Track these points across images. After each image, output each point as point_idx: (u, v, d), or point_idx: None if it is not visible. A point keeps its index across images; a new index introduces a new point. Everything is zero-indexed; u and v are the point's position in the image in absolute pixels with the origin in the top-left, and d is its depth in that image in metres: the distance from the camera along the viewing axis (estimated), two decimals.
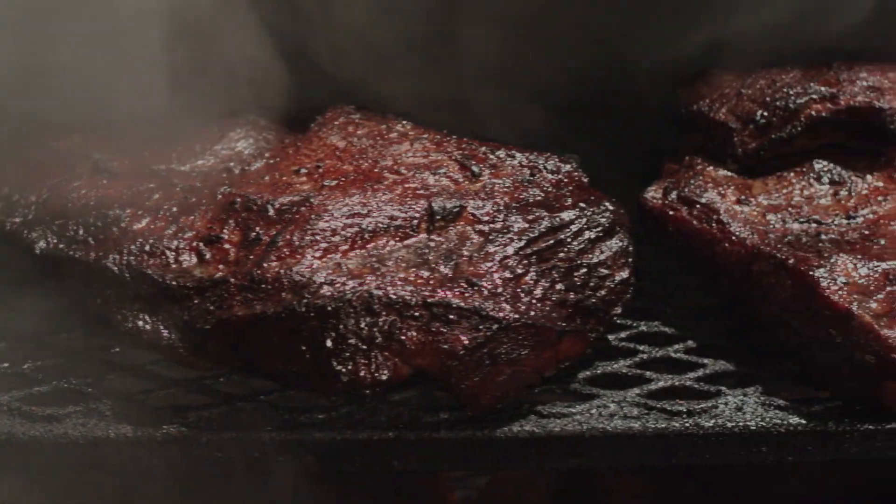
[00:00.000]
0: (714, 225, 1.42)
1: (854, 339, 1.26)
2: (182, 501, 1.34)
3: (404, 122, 1.53)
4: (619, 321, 1.44)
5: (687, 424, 1.27)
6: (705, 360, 1.38)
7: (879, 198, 1.45)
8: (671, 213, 1.45)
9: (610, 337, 1.41)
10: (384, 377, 1.21)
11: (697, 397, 1.32)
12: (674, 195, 1.47)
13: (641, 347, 1.40)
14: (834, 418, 1.29)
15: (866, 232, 1.39)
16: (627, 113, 1.72)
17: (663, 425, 1.27)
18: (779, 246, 1.36)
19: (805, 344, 1.33)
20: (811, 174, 1.50)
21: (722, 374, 1.36)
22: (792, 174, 1.51)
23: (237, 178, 1.43)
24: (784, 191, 1.49)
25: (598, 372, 1.35)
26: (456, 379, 1.21)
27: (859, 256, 1.34)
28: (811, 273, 1.31)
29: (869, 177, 1.49)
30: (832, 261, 1.32)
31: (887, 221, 1.41)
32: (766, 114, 1.53)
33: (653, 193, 1.48)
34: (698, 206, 1.45)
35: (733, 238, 1.40)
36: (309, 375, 1.23)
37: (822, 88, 1.54)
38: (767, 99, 1.54)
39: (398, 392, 1.29)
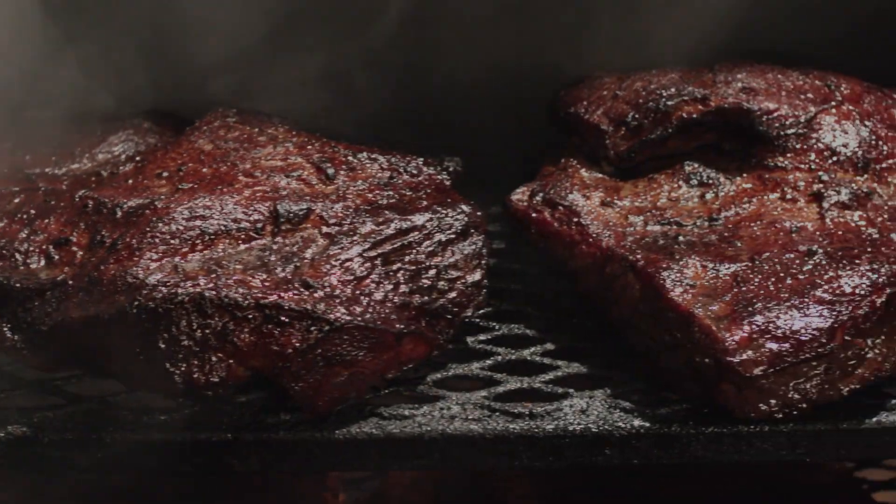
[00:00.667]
0: (573, 227, 1.42)
1: (694, 341, 1.26)
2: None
3: (282, 125, 1.54)
4: (481, 323, 1.45)
5: (527, 427, 1.28)
6: (559, 363, 1.38)
7: (744, 199, 1.44)
8: (534, 214, 1.45)
9: (469, 339, 1.42)
10: (218, 379, 1.22)
11: (545, 400, 1.32)
12: (539, 197, 1.47)
13: (498, 350, 1.40)
14: (679, 421, 1.29)
15: (726, 234, 1.39)
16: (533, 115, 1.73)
17: (503, 428, 1.27)
18: (633, 248, 1.36)
19: (652, 346, 1.33)
20: (680, 176, 1.50)
21: (573, 377, 1.36)
22: (662, 176, 1.51)
23: (103, 182, 1.44)
24: (651, 193, 1.48)
25: (449, 374, 1.35)
26: (289, 380, 1.22)
27: (712, 258, 1.33)
28: (657, 275, 1.31)
29: (738, 178, 1.48)
30: (682, 263, 1.32)
31: (748, 223, 1.40)
32: (637, 116, 1.52)
33: (519, 196, 1.48)
34: (561, 208, 1.45)
35: (590, 240, 1.40)
36: (147, 377, 1.24)
37: (696, 90, 1.53)
38: (640, 101, 1.53)
39: (244, 394, 1.30)
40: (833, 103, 1.53)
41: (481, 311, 1.46)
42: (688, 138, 1.54)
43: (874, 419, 1.31)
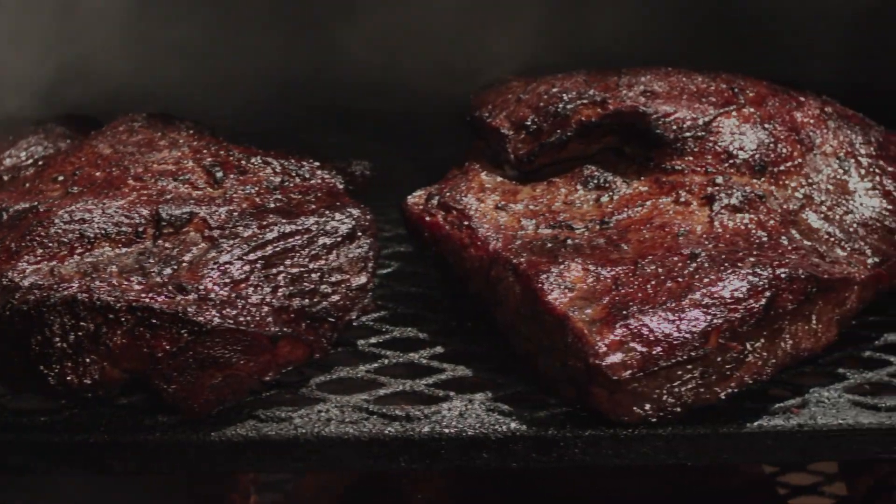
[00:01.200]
0: (464, 230, 1.42)
1: (567, 344, 1.26)
2: None
3: (188, 130, 1.55)
4: (375, 326, 1.46)
5: (403, 429, 1.28)
6: (446, 366, 1.38)
7: (638, 203, 1.44)
8: (427, 218, 1.46)
9: (360, 342, 1.42)
10: (92, 381, 1.23)
11: (426, 402, 1.32)
12: (434, 201, 1.47)
13: (387, 353, 1.40)
14: (557, 424, 1.29)
15: (615, 237, 1.39)
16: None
17: (377, 430, 1.28)
18: (519, 251, 1.36)
19: (532, 350, 1.33)
20: (578, 179, 1.50)
21: (458, 380, 1.36)
22: (561, 179, 1.51)
23: (3, 186, 1.46)
24: (548, 196, 1.48)
25: (334, 377, 1.36)
26: (161, 382, 1.23)
27: (595, 262, 1.33)
28: (536, 278, 1.31)
29: (635, 182, 1.48)
30: (563, 266, 1.32)
31: (638, 226, 1.40)
32: (537, 119, 1.52)
33: (415, 199, 1.48)
34: (454, 211, 1.45)
35: (478, 243, 1.40)
36: (25, 379, 1.25)
37: (596, 94, 1.53)
38: (541, 105, 1.53)
39: (126, 396, 1.31)
40: (734, 106, 1.53)
41: (377, 314, 1.48)
42: (588, 142, 1.54)
43: (755, 423, 1.30)
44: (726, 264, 1.31)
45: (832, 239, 1.42)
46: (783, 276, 1.30)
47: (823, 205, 1.45)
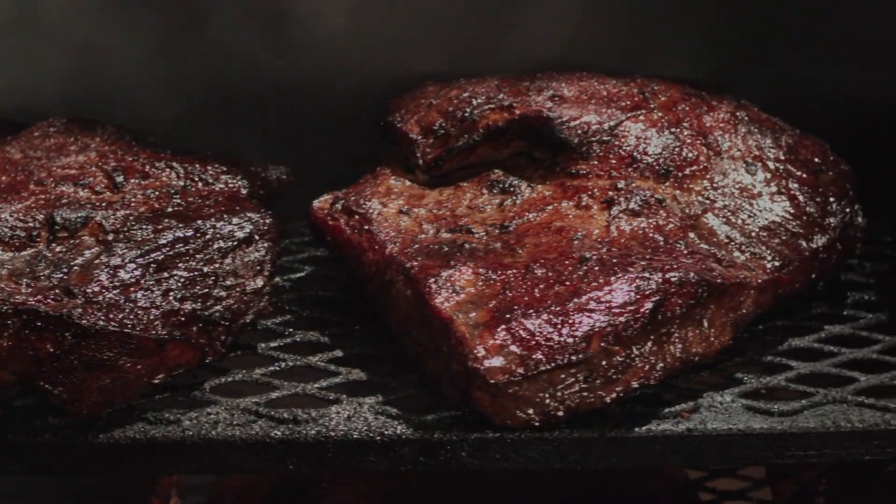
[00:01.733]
0: (363, 234, 1.43)
1: (451, 347, 1.26)
2: None
3: (102, 134, 1.56)
4: (278, 330, 1.46)
5: (290, 432, 1.28)
6: (342, 370, 1.38)
7: (540, 207, 1.44)
8: (330, 222, 1.46)
9: (261, 345, 1.43)
10: None
11: (316, 405, 1.33)
12: (339, 205, 1.48)
13: (286, 356, 1.41)
14: (444, 428, 1.29)
15: (512, 241, 1.39)
16: None
17: (263, 433, 1.28)
18: (414, 255, 1.36)
19: (421, 354, 1.33)
20: (485, 184, 1.50)
21: (352, 383, 1.36)
22: (469, 184, 1.51)
23: None
24: (454, 200, 1.49)
25: (230, 380, 1.36)
26: (47, 384, 1.24)
27: (488, 266, 1.33)
28: (425, 281, 1.31)
29: (540, 186, 1.48)
30: (455, 270, 1.32)
31: (536, 231, 1.40)
32: (445, 124, 1.53)
33: (320, 203, 1.49)
34: (356, 216, 1.45)
35: (376, 247, 1.40)
36: None
37: (504, 98, 1.53)
38: (450, 109, 1.54)
39: (21, 398, 1.32)
40: (643, 111, 1.53)
41: (283, 318, 1.49)
42: (497, 146, 1.54)
43: (644, 427, 1.31)
44: (616, 268, 1.31)
45: (732, 243, 1.41)
46: (673, 280, 1.30)
47: (727, 209, 1.45)
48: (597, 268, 1.32)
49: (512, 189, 1.48)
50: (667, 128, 1.52)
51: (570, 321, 1.26)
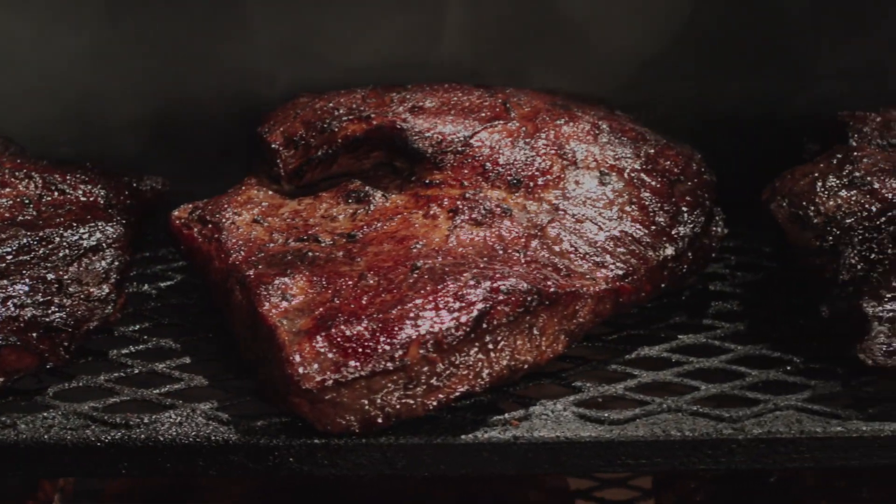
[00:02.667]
0: (212, 243, 1.45)
1: (274, 353, 1.28)
2: None
3: (11, 154, 1.59)
4: (136, 336, 1.49)
5: (120, 436, 1.30)
6: (185, 376, 1.40)
7: (390, 217, 1.45)
8: (185, 231, 1.49)
9: (112, 352, 1.44)
10: None
11: (153, 410, 1.35)
12: (196, 214, 1.50)
13: (134, 362, 1.43)
14: (272, 434, 1.31)
15: (354, 251, 1.40)
16: None
17: (94, 437, 1.30)
18: (255, 263, 1.38)
19: (255, 360, 1.35)
20: (342, 194, 1.52)
21: (193, 389, 1.38)
22: (327, 194, 1.53)
23: None
24: (310, 210, 1.50)
25: (74, 385, 1.38)
26: None
27: (324, 274, 1.34)
28: (258, 289, 1.33)
29: (395, 196, 1.49)
30: (288, 278, 1.34)
31: (381, 240, 1.41)
32: (305, 134, 1.55)
33: (178, 212, 1.51)
34: (210, 224, 1.48)
35: (223, 255, 1.43)
36: None
37: (364, 109, 1.55)
38: (312, 120, 1.56)
39: None
40: (501, 121, 1.54)
41: (142, 325, 1.51)
42: (358, 157, 1.56)
43: (472, 434, 1.31)
44: (445, 277, 1.32)
45: (576, 252, 1.42)
46: (501, 288, 1.31)
47: (575, 218, 1.45)
48: (426, 276, 1.33)
49: (366, 199, 1.50)
50: (523, 138, 1.53)
51: (390, 328, 1.27)
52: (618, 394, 1.39)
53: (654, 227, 1.47)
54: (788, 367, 1.44)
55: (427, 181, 1.50)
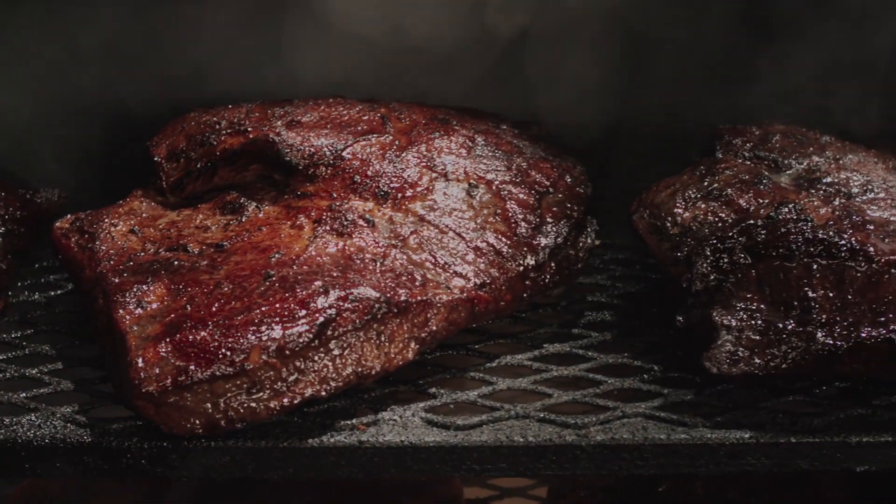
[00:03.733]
0: (86, 252, 1.49)
1: (124, 358, 1.32)
2: None
3: None
4: (14, 342, 1.54)
5: None
6: (54, 380, 1.44)
7: (259, 227, 1.49)
8: (63, 241, 1.53)
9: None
10: None
11: (16, 413, 1.39)
12: (76, 224, 1.55)
13: (9, 368, 1.47)
14: (126, 436, 1.34)
15: (219, 260, 1.44)
16: None
17: None
18: (120, 272, 1.42)
19: (113, 365, 1.39)
20: (219, 205, 1.56)
21: (57, 394, 1.43)
22: (206, 205, 1.58)
23: None
24: (186, 221, 1.54)
25: None
26: None
27: (182, 282, 1.38)
28: (114, 296, 1.37)
29: (269, 207, 1.53)
30: (147, 286, 1.38)
31: (245, 250, 1.45)
32: (186, 147, 1.59)
33: (60, 223, 1.56)
34: (87, 234, 1.52)
35: (93, 264, 1.47)
36: None
37: (243, 123, 1.59)
38: (194, 134, 1.60)
39: None
40: (375, 135, 1.58)
41: (27, 331, 1.56)
42: (237, 169, 1.60)
43: (320, 438, 1.34)
44: (296, 286, 1.36)
45: (435, 262, 1.45)
46: (349, 296, 1.35)
47: (438, 229, 1.49)
48: (277, 284, 1.37)
49: (240, 210, 1.54)
50: (395, 151, 1.57)
51: (233, 334, 1.31)
52: (470, 400, 1.42)
53: (515, 238, 1.50)
54: (645, 376, 1.47)
55: (299, 193, 1.54)
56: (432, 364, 1.48)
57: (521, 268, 1.48)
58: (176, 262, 1.44)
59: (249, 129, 1.58)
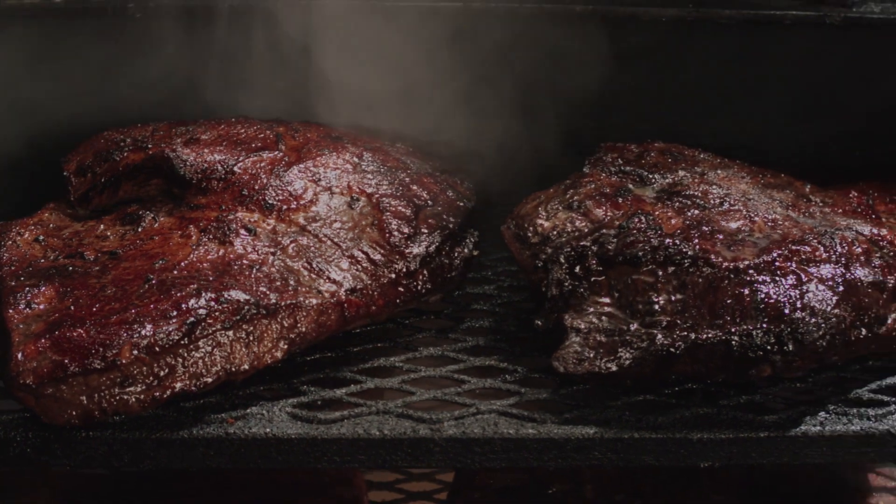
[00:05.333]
0: None
1: (8, 352, 1.43)
2: None
3: None
4: None
5: None
6: None
7: (152, 236, 1.59)
8: None
9: None
10: None
11: None
12: None
13: None
14: (13, 427, 1.44)
15: (109, 265, 1.54)
16: None
17: None
18: (17, 276, 1.53)
19: (5, 361, 1.50)
20: (120, 217, 1.67)
21: None
22: (109, 217, 1.68)
23: None
24: (89, 231, 1.65)
25: None
26: None
27: (71, 285, 1.49)
28: (7, 297, 1.48)
29: (165, 218, 1.64)
30: (38, 288, 1.48)
31: (135, 256, 1.55)
32: (92, 163, 1.71)
33: None
34: None
35: None
36: None
37: (147, 140, 1.71)
38: (102, 150, 1.72)
39: None
40: (267, 151, 1.69)
41: None
42: (139, 184, 1.72)
43: (190, 430, 1.44)
44: (172, 289, 1.46)
45: (311, 268, 1.55)
46: (221, 299, 1.45)
47: (317, 238, 1.59)
48: (155, 287, 1.47)
49: (138, 220, 1.64)
50: (284, 167, 1.67)
51: (107, 332, 1.41)
52: (336, 397, 1.52)
53: (388, 247, 1.60)
54: (508, 377, 1.56)
55: (193, 205, 1.65)
56: (309, 365, 1.58)
57: (394, 275, 1.58)
58: (70, 268, 1.55)
59: (150, 145, 1.70)
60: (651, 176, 1.68)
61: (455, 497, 1.90)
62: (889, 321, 1.54)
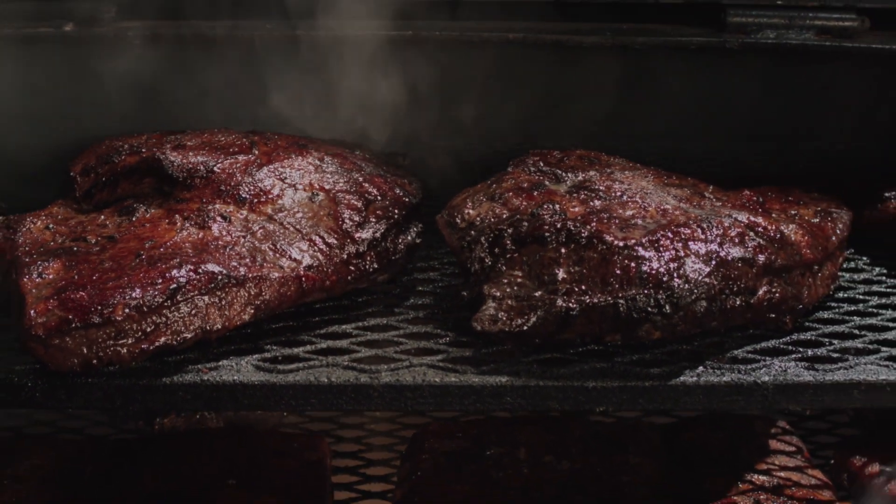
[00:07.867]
0: (9, 242, 1.91)
1: (22, 310, 1.72)
2: None
3: None
4: None
5: None
6: None
7: (144, 224, 1.90)
8: None
9: None
10: None
11: None
12: (5, 223, 1.96)
13: None
14: (26, 376, 1.73)
15: (108, 246, 1.85)
16: None
17: None
18: (31, 254, 1.84)
19: (17, 321, 1.79)
20: (118, 209, 1.97)
21: None
22: (109, 209, 1.99)
23: None
24: (91, 220, 1.96)
25: None
26: None
27: (75, 261, 1.79)
28: (23, 269, 1.78)
29: (155, 210, 1.95)
30: (48, 262, 1.79)
31: (128, 240, 1.85)
32: (94, 164, 2.02)
33: None
34: (11, 229, 1.94)
35: (13, 250, 1.88)
36: None
37: (141, 146, 2.02)
38: (103, 154, 2.04)
39: None
40: (242, 155, 2.00)
41: None
42: (135, 182, 2.02)
43: (170, 378, 1.73)
44: (158, 262, 1.77)
45: (275, 248, 1.85)
46: (198, 270, 1.75)
47: (282, 225, 1.89)
48: (145, 261, 1.78)
49: (133, 212, 1.95)
50: (256, 167, 1.98)
51: (104, 294, 1.71)
52: (294, 354, 1.81)
53: (341, 232, 1.91)
54: (440, 340, 1.85)
55: (179, 199, 1.96)
56: (273, 331, 1.88)
57: (345, 255, 1.88)
58: (75, 248, 1.86)
59: (143, 150, 2.01)
60: (565, 175, 1.98)
61: (407, 460, 2.18)
62: (760, 293, 1.83)
